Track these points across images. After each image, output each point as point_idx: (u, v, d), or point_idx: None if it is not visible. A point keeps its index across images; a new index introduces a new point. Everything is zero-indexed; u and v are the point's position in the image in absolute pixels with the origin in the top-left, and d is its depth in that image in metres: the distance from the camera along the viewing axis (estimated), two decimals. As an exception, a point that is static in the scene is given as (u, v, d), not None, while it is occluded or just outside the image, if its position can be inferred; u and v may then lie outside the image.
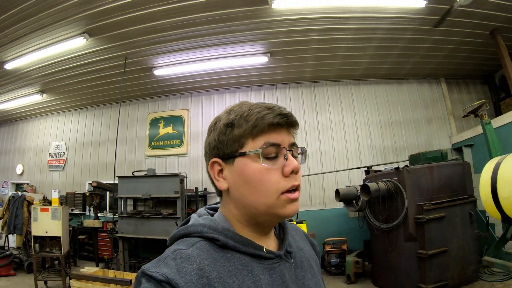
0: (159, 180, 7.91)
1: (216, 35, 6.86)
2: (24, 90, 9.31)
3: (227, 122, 0.87)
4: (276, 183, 0.83)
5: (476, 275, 5.57)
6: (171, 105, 10.11)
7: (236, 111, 0.88)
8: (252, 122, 0.84)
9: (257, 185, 0.83)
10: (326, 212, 8.44)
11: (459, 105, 9.21)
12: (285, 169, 0.84)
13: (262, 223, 0.89)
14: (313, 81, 9.47)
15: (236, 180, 0.86)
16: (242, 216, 0.88)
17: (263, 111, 0.85)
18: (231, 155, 0.86)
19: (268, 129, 0.84)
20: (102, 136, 10.51)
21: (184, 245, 0.81)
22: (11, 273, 7.41)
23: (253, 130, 0.84)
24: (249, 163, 0.84)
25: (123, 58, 7.57)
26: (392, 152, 8.90)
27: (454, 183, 5.75)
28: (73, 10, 5.79)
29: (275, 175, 0.83)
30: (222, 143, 0.87)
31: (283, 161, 0.85)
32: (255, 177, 0.83)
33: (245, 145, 0.85)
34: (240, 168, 0.85)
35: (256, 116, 0.84)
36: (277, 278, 0.84)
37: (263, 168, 0.83)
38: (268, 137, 0.84)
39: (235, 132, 0.85)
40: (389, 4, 6.11)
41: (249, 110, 0.86)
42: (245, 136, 0.85)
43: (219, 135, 0.88)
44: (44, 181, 11.06)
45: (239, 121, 0.85)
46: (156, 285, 0.70)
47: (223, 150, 0.87)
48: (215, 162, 0.90)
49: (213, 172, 0.90)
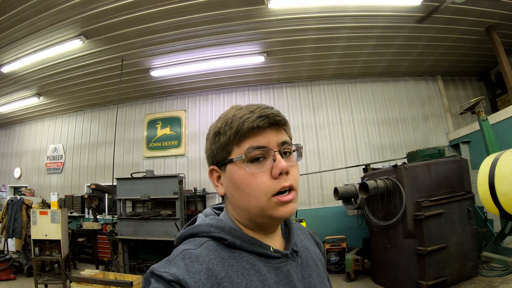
0: (158, 181, 7.91)
1: (212, 36, 6.86)
2: (21, 93, 9.27)
3: (215, 131, 0.89)
4: (264, 186, 0.82)
5: (475, 271, 5.60)
6: (168, 106, 10.11)
7: (223, 119, 0.89)
8: (235, 128, 0.84)
9: (246, 189, 0.84)
10: (325, 210, 8.46)
11: (456, 102, 9.26)
12: (273, 171, 0.83)
13: (261, 225, 0.89)
14: (309, 80, 9.49)
15: (229, 185, 0.88)
16: (242, 218, 0.89)
17: (245, 115, 0.85)
18: (221, 162, 0.89)
19: (250, 133, 0.84)
20: (100, 138, 10.49)
21: (192, 245, 0.82)
22: (11, 277, 7.37)
23: (236, 136, 0.85)
24: (236, 170, 0.85)
25: (119, 59, 7.56)
26: (390, 149, 8.93)
27: (452, 179, 5.77)
28: (69, 13, 5.77)
29: (262, 178, 0.83)
30: (213, 151, 0.90)
31: (271, 163, 0.84)
32: (243, 182, 0.84)
33: (232, 152, 0.86)
34: (230, 174, 0.87)
35: (237, 121, 0.84)
36: (284, 277, 0.84)
37: (249, 172, 0.83)
38: (252, 141, 0.84)
39: (221, 140, 0.87)
40: (385, 3, 6.13)
41: (233, 116, 0.86)
42: (230, 143, 0.86)
43: (211, 144, 0.91)
44: (42, 184, 11.02)
45: (224, 128, 0.87)
46: (165, 285, 0.71)
47: (216, 158, 0.90)
48: (213, 169, 0.93)
49: (212, 179, 0.94)
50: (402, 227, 5.64)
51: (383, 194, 5.76)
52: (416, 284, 5.32)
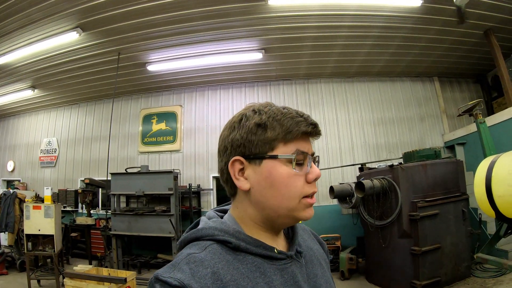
0: (153, 177, 7.88)
1: (210, 31, 6.82)
2: (15, 85, 9.16)
3: (260, 123, 0.85)
4: (301, 188, 0.85)
5: (468, 271, 5.65)
6: (164, 101, 10.05)
7: (268, 113, 0.87)
8: (287, 127, 0.84)
9: (283, 189, 0.84)
10: (320, 208, 8.47)
11: (452, 104, 9.32)
12: (309, 176, 0.86)
13: (278, 225, 0.90)
14: (307, 78, 9.48)
15: (261, 181, 0.85)
16: (259, 217, 0.88)
17: (296, 117, 0.86)
18: (259, 156, 0.85)
19: (301, 136, 0.86)
20: (95, 132, 10.41)
21: (196, 249, 0.80)
22: (3, 272, 7.31)
23: (286, 136, 0.84)
24: (279, 167, 0.84)
25: (116, 53, 7.50)
26: (386, 149, 8.96)
27: (448, 180, 5.81)
28: (66, 4, 5.70)
29: (300, 181, 0.85)
30: (251, 142, 0.85)
31: (306, 168, 0.87)
32: (283, 180, 0.84)
33: (276, 148, 0.85)
34: (268, 170, 0.84)
35: (290, 122, 0.84)
36: (289, 278, 0.84)
37: (293, 173, 0.84)
38: (298, 144, 0.86)
39: (268, 134, 0.84)
40: (385, 3, 6.12)
41: (282, 114, 0.86)
42: (278, 139, 0.84)
43: (248, 134, 0.86)
44: (35, 178, 10.93)
45: (272, 123, 0.85)
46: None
47: (250, 149, 0.86)
48: (237, 160, 0.87)
49: (233, 171, 0.88)
50: (397, 227, 5.67)
51: (379, 193, 5.79)
52: (410, 284, 5.36)
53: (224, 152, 0.90)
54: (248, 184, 0.87)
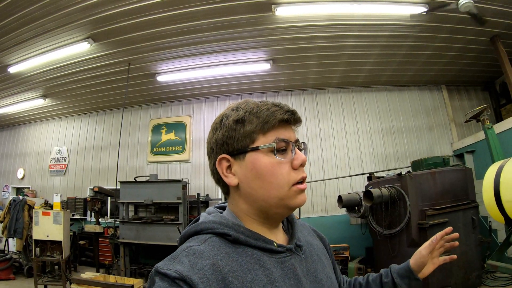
0: (161, 186, 7.91)
1: (219, 42, 6.90)
2: (27, 94, 9.33)
3: (237, 119, 0.88)
4: (287, 175, 0.87)
5: (479, 280, 5.52)
6: (174, 111, 10.14)
7: (244, 108, 0.90)
8: (263, 118, 0.86)
9: (269, 178, 0.85)
10: (328, 219, 8.41)
11: (460, 112, 9.23)
12: (294, 162, 0.88)
13: (272, 216, 0.90)
14: (315, 89, 9.51)
15: (248, 174, 0.87)
16: (252, 210, 0.90)
17: (272, 107, 0.88)
18: (242, 150, 0.88)
19: (278, 125, 0.88)
20: (104, 142, 10.53)
21: (196, 242, 0.82)
22: (10, 277, 7.34)
23: (264, 126, 0.86)
24: (261, 157, 0.86)
25: (126, 63, 7.62)
26: (394, 159, 8.89)
27: (457, 188, 5.73)
28: (78, 15, 5.83)
29: (285, 168, 0.87)
30: (232, 138, 0.88)
31: (291, 155, 0.88)
32: (268, 170, 0.85)
33: (256, 140, 0.87)
34: (252, 162, 0.87)
35: (266, 112, 0.87)
36: (289, 271, 0.85)
37: (276, 161, 0.86)
38: (278, 133, 0.88)
39: (246, 128, 0.87)
40: (391, 12, 6.16)
41: (257, 107, 0.89)
42: (256, 131, 0.87)
43: (229, 131, 0.89)
44: (45, 185, 11.04)
45: (249, 117, 0.88)
46: (170, 283, 0.71)
47: (233, 145, 0.89)
48: (223, 158, 0.90)
49: (221, 169, 0.91)
50: (406, 236, 5.60)
51: (387, 202, 5.73)
52: (419, 294, 5.26)
53: (211, 153, 0.94)
54: (236, 180, 0.89)
